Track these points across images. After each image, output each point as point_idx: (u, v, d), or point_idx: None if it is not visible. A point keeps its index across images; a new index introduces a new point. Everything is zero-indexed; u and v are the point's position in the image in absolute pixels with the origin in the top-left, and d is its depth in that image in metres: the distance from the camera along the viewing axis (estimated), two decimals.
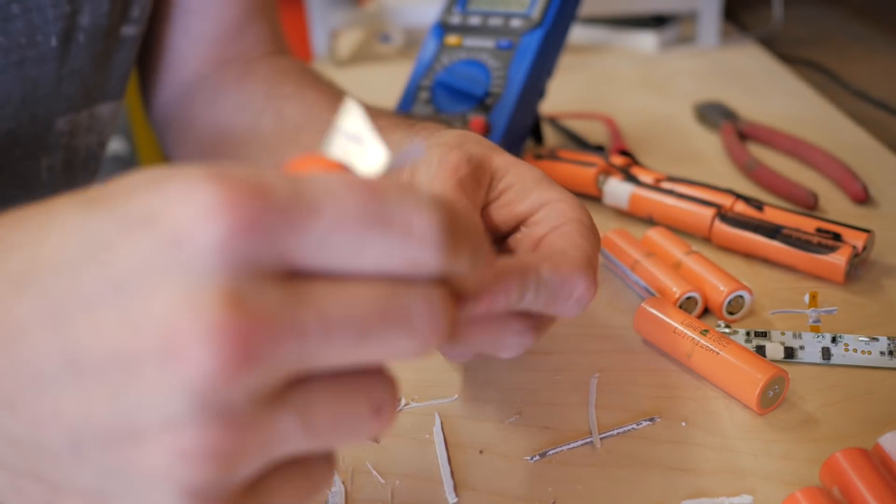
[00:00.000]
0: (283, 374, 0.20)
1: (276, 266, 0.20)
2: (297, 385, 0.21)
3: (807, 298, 0.44)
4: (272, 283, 0.20)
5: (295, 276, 0.20)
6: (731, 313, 0.43)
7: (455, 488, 0.33)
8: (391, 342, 0.21)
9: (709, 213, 0.50)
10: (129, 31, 0.53)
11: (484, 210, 0.36)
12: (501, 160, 0.36)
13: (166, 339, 0.19)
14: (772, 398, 0.36)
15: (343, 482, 0.34)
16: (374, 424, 0.22)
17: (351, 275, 0.21)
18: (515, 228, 0.36)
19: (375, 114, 0.51)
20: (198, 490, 0.20)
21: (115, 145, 1.43)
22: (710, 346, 0.38)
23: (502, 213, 0.36)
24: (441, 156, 0.35)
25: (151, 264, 0.19)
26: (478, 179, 0.35)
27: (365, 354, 0.21)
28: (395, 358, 0.21)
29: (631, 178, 0.55)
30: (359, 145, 0.24)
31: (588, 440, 0.36)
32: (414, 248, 0.21)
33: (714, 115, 0.71)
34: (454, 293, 0.23)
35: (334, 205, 0.20)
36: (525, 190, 0.35)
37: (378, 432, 0.22)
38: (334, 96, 0.53)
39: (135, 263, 0.19)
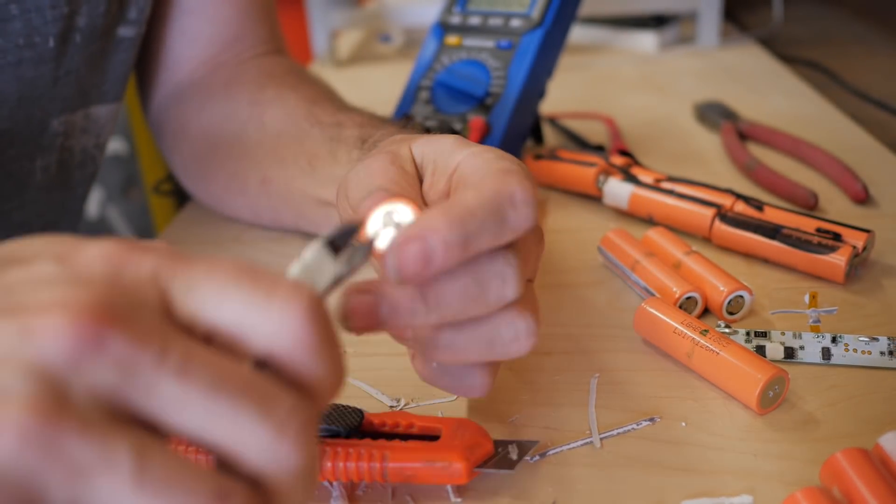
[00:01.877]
0: (130, 393, 0.20)
1: (157, 298, 0.22)
2: (140, 425, 0.20)
3: (807, 298, 0.44)
4: (152, 310, 0.21)
5: (176, 318, 0.22)
6: (731, 313, 0.43)
7: (455, 492, 0.33)
8: (239, 423, 0.21)
9: (709, 213, 0.50)
10: (126, 32, 0.52)
11: (425, 199, 0.35)
12: (417, 145, 0.35)
13: (31, 316, 0.20)
14: (772, 398, 0.36)
15: (343, 483, 0.34)
16: None
17: (215, 325, 0.22)
18: None
19: (342, 109, 0.51)
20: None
21: (115, 145, 1.43)
22: (710, 347, 0.38)
23: (433, 193, 0.34)
24: (367, 168, 0.34)
25: (46, 279, 0.21)
26: (407, 172, 0.34)
27: (210, 422, 0.21)
28: (242, 444, 0.21)
29: (631, 178, 0.55)
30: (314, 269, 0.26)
31: (588, 440, 0.36)
32: (272, 310, 0.22)
33: (714, 115, 0.71)
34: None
35: (208, 260, 0.22)
36: (441, 162, 0.34)
37: None
38: (314, 98, 0.53)
39: (33, 280, 0.21)
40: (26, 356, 0.19)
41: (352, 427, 0.34)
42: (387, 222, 0.29)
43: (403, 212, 0.29)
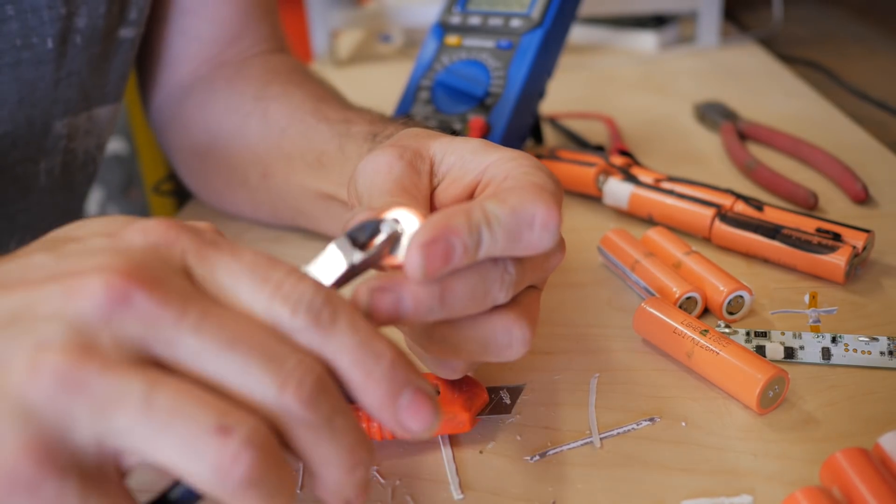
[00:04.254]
0: (151, 344, 0.23)
1: (181, 268, 0.25)
2: (157, 367, 0.23)
3: (807, 298, 0.44)
4: (178, 274, 0.25)
5: (199, 283, 0.25)
6: (731, 313, 0.43)
7: (459, 486, 0.33)
8: (249, 377, 0.23)
9: (709, 213, 0.50)
10: (127, 33, 0.52)
11: (434, 196, 0.35)
12: (439, 144, 0.35)
13: (74, 281, 0.23)
14: (772, 398, 0.36)
15: None
16: (213, 445, 0.22)
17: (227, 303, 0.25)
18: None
19: (350, 107, 0.51)
20: (37, 415, 0.22)
21: (116, 145, 1.44)
22: (710, 347, 0.38)
23: (451, 191, 0.34)
24: (374, 162, 0.34)
25: (92, 249, 0.25)
26: (416, 169, 0.34)
27: (224, 374, 0.23)
28: (251, 397, 0.23)
29: (631, 178, 0.55)
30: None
31: (588, 440, 0.36)
32: (281, 305, 0.25)
33: (714, 115, 0.72)
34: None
35: (233, 249, 0.26)
36: (466, 162, 0.34)
37: (216, 467, 0.22)
38: (321, 96, 0.53)
39: (80, 251, 0.25)
40: (67, 312, 0.22)
41: None
42: (395, 227, 0.30)
43: (409, 220, 0.30)
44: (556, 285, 0.48)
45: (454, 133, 0.58)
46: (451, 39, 0.63)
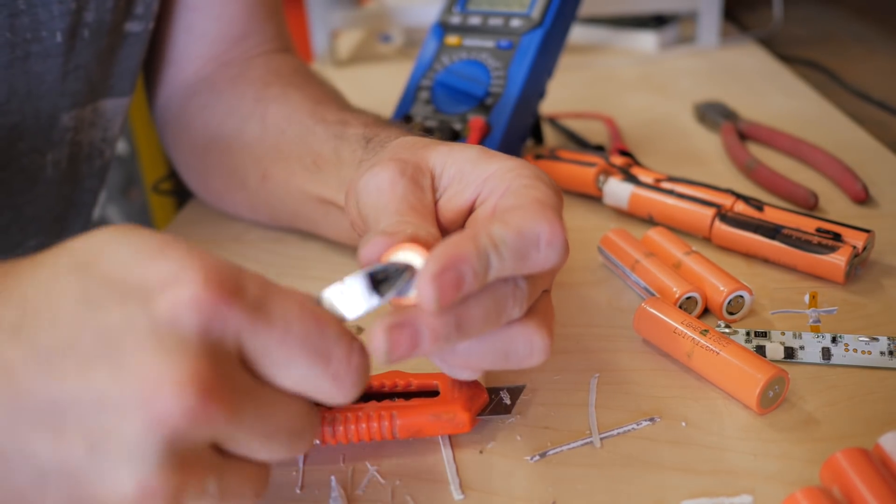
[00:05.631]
0: (212, 440, 0.25)
1: (235, 350, 0.26)
2: (219, 454, 0.26)
3: (807, 298, 0.44)
4: (234, 364, 0.26)
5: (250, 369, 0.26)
6: (731, 313, 0.43)
7: (459, 486, 0.33)
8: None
9: (709, 213, 0.50)
10: (133, 27, 0.53)
11: (438, 208, 0.35)
12: (437, 154, 0.35)
13: (146, 389, 0.23)
14: (772, 398, 0.36)
15: (343, 483, 0.34)
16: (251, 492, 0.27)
17: (277, 381, 0.27)
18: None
19: (347, 109, 0.51)
20: None
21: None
22: (710, 347, 0.38)
23: (454, 204, 0.35)
24: (376, 179, 0.34)
25: (143, 332, 0.24)
26: (419, 185, 0.34)
27: (262, 455, 0.27)
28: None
29: (631, 178, 0.55)
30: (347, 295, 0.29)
31: (588, 440, 0.36)
32: (331, 383, 0.27)
33: (714, 114, 0.71)
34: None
35: (285, 323, 0.26)
36: (465, 174, 0.34)
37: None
38: (320, 98, 0.52)
39: (128, 328, 0.24)
40: (150, 426, 0.23)
41: None
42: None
43: (413, 259, 0.30)
44: (557, 285, 0.47)
45: (454, 134, 0.58)
46: (451, 39, 0.63)
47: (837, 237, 0.46)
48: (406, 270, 0.30)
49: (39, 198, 0.53)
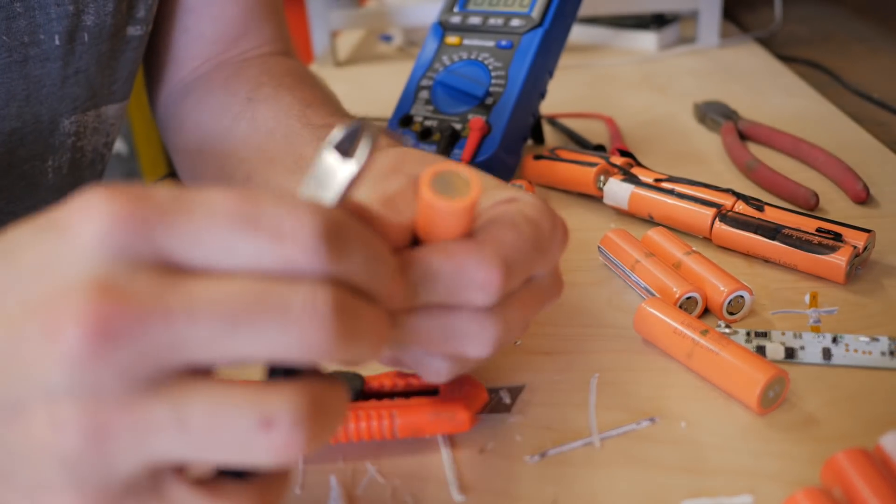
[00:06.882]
0: (156, 359, 0.21)
1: (153, 259, 0.22)
2: (177, 379, 0.22)
3: (807, 298, 0.44)
4: (146, 272, 0.22)
5: (174, 270, 0.22)
6: (731, 313, 0.43)
7: (459, 488, 0.33)
8: (266, 334, 0.22)
9: (709, 212, 0.50)
10: (135, 31, 0.53)
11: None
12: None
13: (47, 320, 0.21)
14: (772, 398, 0.36)
15: (343, 483, 0.34)
16: (264, 441, 0.21)
17: (230, 272, 0.22)
18: None
19: (336, 114, 0.51)
20: (77, 466, 0.21)
21: (115, 145, 1.44)
22: (711, 347, 0.38)
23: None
24: (382, 186, 0.34)
25: (48, 258, 0.22)
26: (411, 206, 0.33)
27: (242, 347, 0.22)
28: (281, 355, 0.22)
29: (631, 178, 0.55)
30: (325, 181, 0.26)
31: (588, 440, 0.36)
32: (286, 248, 0.22)
33: (714, 114, 0.71)
34: (361, 296, 0.23)
35: (207, 207, 0.22)
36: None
37: (273, 455, 0.22)
38: (310, 101, 0.52)
39: (36, 258, 0.22)
40: (55, 358, 0.21)
41: (356, 391, 0.36)
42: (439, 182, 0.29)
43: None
44: None
45: (454, 134, 0.58)
46: (451, 39, 0.63)
47: (838, 237, 0.46)
48: (362, 127, 0.26)
49: (40, 204, 0.53)
